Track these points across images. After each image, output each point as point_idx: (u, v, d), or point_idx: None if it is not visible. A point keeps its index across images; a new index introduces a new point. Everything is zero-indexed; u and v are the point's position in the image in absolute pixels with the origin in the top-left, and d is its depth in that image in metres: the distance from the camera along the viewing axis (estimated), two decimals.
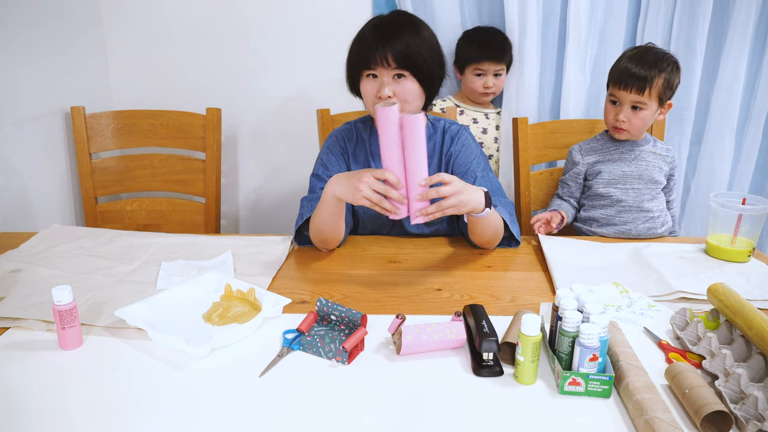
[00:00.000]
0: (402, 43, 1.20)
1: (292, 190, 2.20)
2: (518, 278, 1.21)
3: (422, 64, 1.23)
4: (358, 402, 0.81)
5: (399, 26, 1.23)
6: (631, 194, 1.48)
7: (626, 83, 1.42)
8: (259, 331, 0.99)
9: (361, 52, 1.24)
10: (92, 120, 1.83)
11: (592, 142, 1.55)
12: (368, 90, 1.26)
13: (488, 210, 1.17)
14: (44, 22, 1.70)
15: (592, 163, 1.52)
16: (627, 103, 1.44)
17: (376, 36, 1.22)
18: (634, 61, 1.43)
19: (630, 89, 1.42)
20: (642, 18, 1.86)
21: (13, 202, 1.59)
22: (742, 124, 1.95)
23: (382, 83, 1.23)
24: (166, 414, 0.79)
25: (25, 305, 1.04)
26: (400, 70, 1.22)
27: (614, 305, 1.08)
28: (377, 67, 1.22)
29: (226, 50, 2.02)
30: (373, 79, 1.25)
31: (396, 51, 1.20)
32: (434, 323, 0.93)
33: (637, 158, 1.49)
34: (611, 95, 1.48)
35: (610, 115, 1.49)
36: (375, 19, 1.27)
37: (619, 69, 1.45)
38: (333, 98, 1.84)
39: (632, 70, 1.42)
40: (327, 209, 1.21)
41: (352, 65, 1.28)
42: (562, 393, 0.83)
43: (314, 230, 1.28)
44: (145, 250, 1.32)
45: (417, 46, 1.21)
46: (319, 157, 1.41)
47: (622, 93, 1.44)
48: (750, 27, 1.81)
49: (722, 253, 1.29)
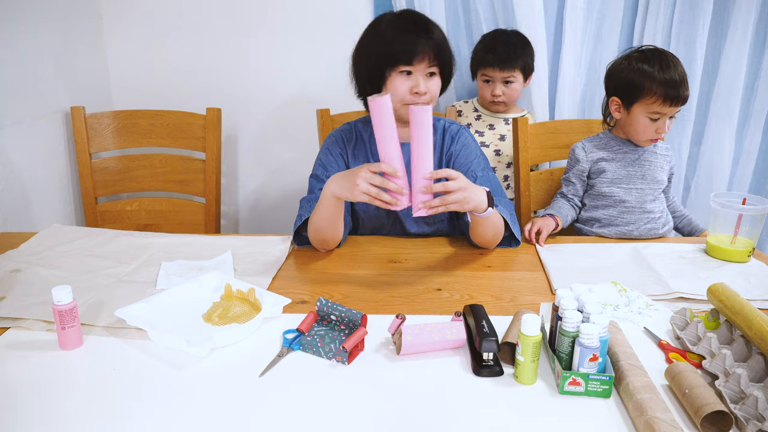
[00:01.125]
0: (437, 38, 1.21)
1: (292, 190, 2.20)
2: (518, 278, 1.21)
3: (448, 62, 1.25)
4: (358, 402, 0.81)
5: (425, 22, 1.23)
6: (634, 194, 1.48)
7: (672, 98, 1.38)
8: (259, 331, 0.99)
9: (395, 47, 1.20)
10: (92, 120, 1.83)
11: (594, 140, 1.54)
12: (401, 87, 1.23)
13: (491, 210, 1.17)
14: (44, 21, 1.70)
15: (596, 161, 1.50)
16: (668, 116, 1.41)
17: (413, 32, 1.20)
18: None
19: (678, 102, 1.39)
20: (642, 18, 1.87)
21: (13, 202, 1.59)
22: (742, 124, 1.95)
23: (418, 79, 1.22)
24: (166, 414, 0.79)
25: (25, 305, 1.04)
26: (434, 66, 1.22)
27: (612, 304, 1.08)
28: (416, 63, 1.21)
29: (226, 50, 2.02)
30: (407, 75, 1.23)
31: (436, 46, 1.21)
32: (434, 323, 0.93)
33: (639, 158, 1.49)
34: (655, 112, 1.39)
35: (649, 130, 1.42)
36: (391, 16, 1.25)
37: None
38: (333, 98, 1.84)
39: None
40: (326, 209, 1.21)
41: (380, 62, 1.23)
42: (562, 393, 0.83)
43: (313, 231, 1.28)
44: (145, 250, 1.32)
45: (446, 42, 1.23)
46: (318, 157, 1.40)
47: (666, 107, 1.38)
48: (750, 27, 1.81)
49: (722, 253, 1.29)
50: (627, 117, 1.45)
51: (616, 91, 1.46)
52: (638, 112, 1.41)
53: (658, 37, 1.84)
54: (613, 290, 1.14)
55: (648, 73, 1.37)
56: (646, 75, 1.37)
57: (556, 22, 1.91)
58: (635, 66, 1.40)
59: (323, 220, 1.24)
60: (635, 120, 1.43)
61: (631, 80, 1.40)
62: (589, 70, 1.94)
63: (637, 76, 1.38)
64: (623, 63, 1.44)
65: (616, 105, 1.47)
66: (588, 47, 1.91)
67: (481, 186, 1.28)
